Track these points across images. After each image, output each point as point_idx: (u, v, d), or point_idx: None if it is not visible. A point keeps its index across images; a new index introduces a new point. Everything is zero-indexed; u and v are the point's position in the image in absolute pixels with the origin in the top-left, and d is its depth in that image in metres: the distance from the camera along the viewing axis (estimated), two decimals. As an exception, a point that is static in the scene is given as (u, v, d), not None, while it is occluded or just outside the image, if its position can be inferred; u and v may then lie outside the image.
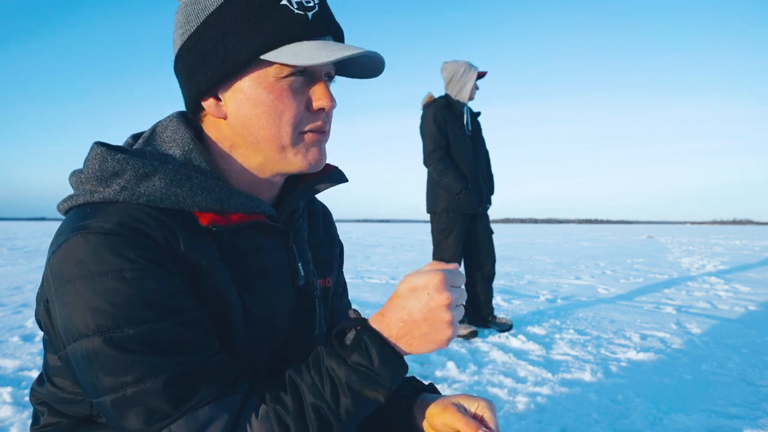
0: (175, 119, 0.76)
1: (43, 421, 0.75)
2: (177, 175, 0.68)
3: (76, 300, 0.60)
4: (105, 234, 0.61)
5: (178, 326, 0.62)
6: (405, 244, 15.27)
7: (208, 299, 0.67)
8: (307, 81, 0.72)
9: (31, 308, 4.14)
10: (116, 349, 0.59)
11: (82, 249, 0.61)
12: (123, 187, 0.66)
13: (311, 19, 0.69)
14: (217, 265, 0.69)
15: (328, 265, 0.93)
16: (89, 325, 0.59)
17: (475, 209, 3.50)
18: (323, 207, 0.99)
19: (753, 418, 1.99)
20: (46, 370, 0.74)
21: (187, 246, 0.66)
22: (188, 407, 0.60)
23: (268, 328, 0.76)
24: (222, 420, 0.61)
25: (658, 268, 8.02)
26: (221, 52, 0.69)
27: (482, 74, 3.53)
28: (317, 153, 0.74)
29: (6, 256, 9.64)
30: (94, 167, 0.68)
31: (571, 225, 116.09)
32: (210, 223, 0.69)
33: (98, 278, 0.60)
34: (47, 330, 0.69)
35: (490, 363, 2.72)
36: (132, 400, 0.59)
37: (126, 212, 0.64)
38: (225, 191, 0.70)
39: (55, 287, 0.62)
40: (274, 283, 0.77)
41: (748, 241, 19.08)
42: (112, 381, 0.59)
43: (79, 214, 0.66)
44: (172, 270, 0.64)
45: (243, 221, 0.72)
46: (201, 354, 0.63)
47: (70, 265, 0.61)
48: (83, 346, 0.60)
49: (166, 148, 0.73)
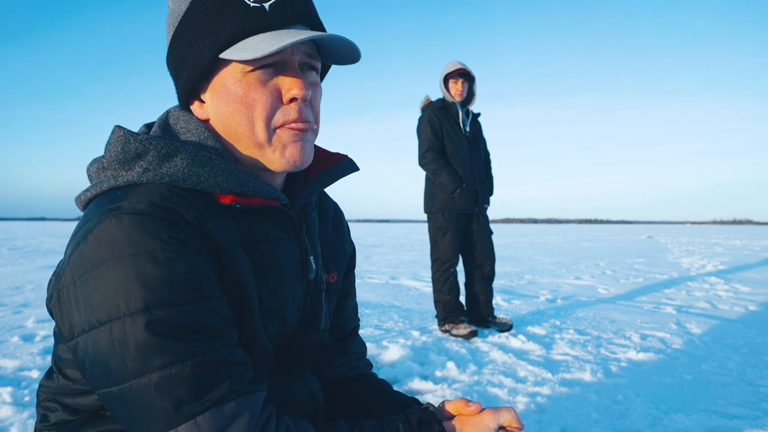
0: (183, 110, 0.76)
1: (53, 420, 0.74)
2: (198, 155, 0.68)
3: (107, 282, 0.59)
4: (138, 214, 0.61)
5: (204, 312, 0.61)
6: (405, 244, 15.27)
7: (230, 284, 0.67)
8: (278, 72, 0.71)
9: (32, 308, 4.14)
10: (147, 332, 0.58)
11: (116, 230, 0.60)
12: (145, 169, 0.66)
13: (269, 10, 0.68)
14: (238, 249, 0.69)
15: (334, 261, 0.93)
16: (120, 307, 0.58)
17: (471, 209, 3.51)
18: (334, 204, 0.98)
19: (753, 418, 1.99)
20: (57, 362, 0.73)
21: (215, 227, 0.66)
22: (214, 399, 0.59)
23: (279, 320, 0.76)
24: (245, 417, 0.61)
25: (658, 268, 8.02)
26: (190, 57, 0.71)
27: (455, 72, 3.44)
28: (297, 150, 0.72)
29: (6, 256, 9.64)
30: (117, 149, 0.68)
31: (571, 225, 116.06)
32: (233, 201, 0.69)
33: (130, 258, 0.59)
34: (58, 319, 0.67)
35: (490, 363, 2.72)
36: (158, 386, 0.58)
37: (157, 192, 0.64)
38: (244, 174, 0.70)
39: (83, 271, 0.61)
40: (286, 274, 0.77)
41: (748, 241, 19.08)
42: (140, 365, 0.58)
43: (108, 198, 0.65)
44: (201, 251, 0.64)
45: (262, 203, 0.72)
46: (225, 342, 0.63)
47: (102, 248, 0.60)
48: (111, 329, 0.58)
49: (182, 136, 0.73)
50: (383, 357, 2.77)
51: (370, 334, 3.29)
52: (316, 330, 0.86)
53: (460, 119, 3.52)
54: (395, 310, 4.19)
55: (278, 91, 0.70)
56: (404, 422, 0.72)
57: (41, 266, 7.58)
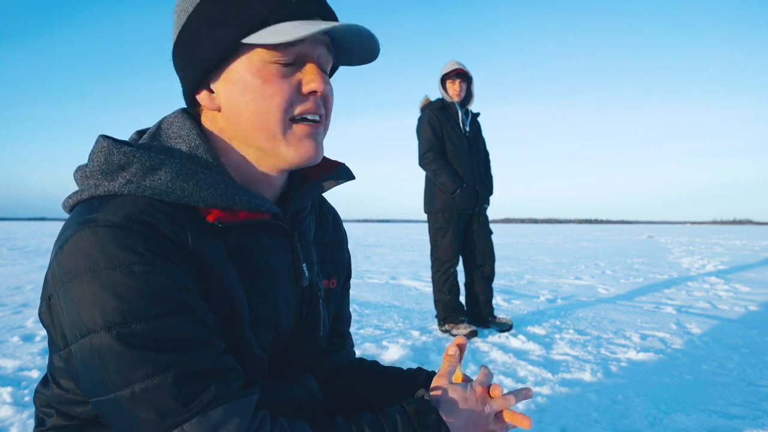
0: (180, 115, 0.75)
1: (49, 424, 0.73)
2: (183, 169, 0.67)
3: (83, 295, 0.59)
4: (113, 227, 0.60)
5: (186, 323, 0.61)
6: (405, 244, 15.27)
7: (216, 298, 0.66)
8: (298, 66, 0.70)
9: (32, 308, 4.14)
10: (124, 345, 0.57)
11: (90, 243, 0.60)
12: (128, 180, 0.65)
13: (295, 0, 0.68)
14: (224, 263, 0.68)
15: (334, 267, 0.92)
16: (97, 320, 0.58)
17: (471, 209, 3.51)
18: (333, 209, 0.98)
19: (753, 418, 1.99)
20: (51, 371, 0.73)
21: (195, 241, 0.65)
22: (200, 407, 0.59)
23: (272, 329, 0.75)
24: (234, 422, 0.60)
25: (658, 268, 8.02)
26: (208, 41, 0.68)
27: (452, 72, 3.43)
28: (311, 145, 0.72)
29: (6, 256, 9.65)
30: (100, 160, 0.67)
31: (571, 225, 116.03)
32: (216, 219, 0.68)
33: (106, 272, 0.58)
34: (49, 329, 0.67)
35: (490, 363, 2.72)
36: (141, 397, 0.57)
37: (134, 205, 0.63)
38: (231, 187, 0.69)
39: (62, 283, 0.61)
40: (279, 283, 0.76)
41: (748, 241, 19.08)
42: (120, 378, 0.58)
43: (86, 208, 0.65)
44: (180, 265, 0.63)
45: (248, 219, 0.71)
46: (209, 352, 0.62)
47: (77, 260, 0.60)
48: (91, 342, 0.58)
49: (172, 143, 0.72)
50: (383, 357, 2.77)
51: (370, 334, 3.29)
52: (315, 337, 0.85)
53: (459, 119, 3.53)
54: (395, 310, 4.19)
55: (298, 83, 0.70)
56: (401, 413, 0.71)
57: (41, 266, 7.58)
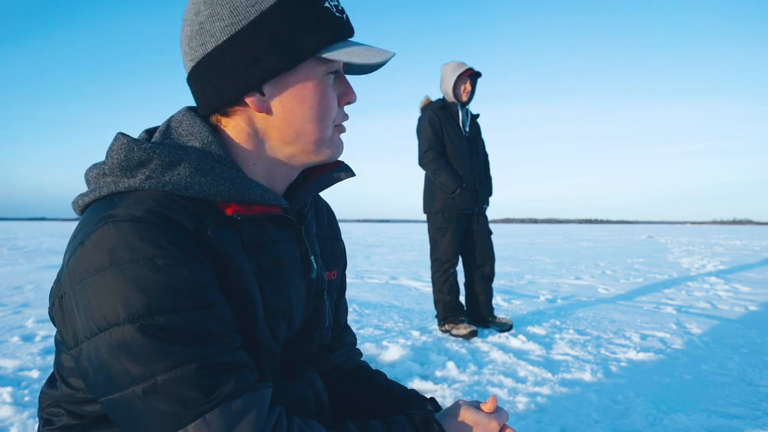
0: (188, 113, 0.76)
1: (58, 424, 0.73)
2: (201, 164, 0.69)
3: (106, 289, 0.59)
4: (136, 221, 0.61)
5: (207, 318, 0.62)
6: (405, 244, 15.27)
7: (233, 291, 0.68)
8: (338, 79, 0.79)
9: (32, 308, 4.14)
10: (147, 337, 0.58)
11: (114, 237, 0.60)
12: (148, 176, 0.66)
13: (345, 21, 0.75)
14: (240, 255, 0.70)
15: (333, 259, 0.95)
16: (120, 313, 0.58)
17: (471, 209, 3.51)
18: (326, 203, 1.01)
19: (753, 418, 1.99)
20: (59, 371, 0.73)
21: (214, 235, 0.67)
22: (221, 397, 0.60)
23: (286, 321, 0.77)
24: (253, 413, 0.61)
25: (658, 268, 8.02)
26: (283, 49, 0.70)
27: (467, 73, 3.45)
28: (341, 146, 0.81)
29: (6, 256, 9.64)
30: (120, 157, 0.67)
31: (571, 225, 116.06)
32: (235, 212, 0.70)
33: (130, 266, 0.59)
34: (59, 327, 0.67)
35: (490, 363, 2.72)
36: (163, 389, 0.58)
37: (155, 199, 0.64)
38: (246, 182, 0.71)
39: (80, 279, 0.61)
40: (290, 275, 0.78)
41: (748, 241, 19.08)
42: (143, 369, 0.58)
43: (106, 204, 0.65)
44: (202, 259, 0.64)
45: (263, 212, 0.73)
46: (228, 347, 0.63)
47: (101, 255, 0.60)
48: (111, 336, 0.58)
49: (184, 140, 0.73)
50: (383, 357, 2.77)
51: (370, 334, 3.29)
52: (320, 328, 0.87)
53: (460, 119, 3.53)
54: (395, 310, 4.20)
55: (339, 95, 0.79)
56: (408, 422, 0.75)
57: (41, 266, 7.58)
